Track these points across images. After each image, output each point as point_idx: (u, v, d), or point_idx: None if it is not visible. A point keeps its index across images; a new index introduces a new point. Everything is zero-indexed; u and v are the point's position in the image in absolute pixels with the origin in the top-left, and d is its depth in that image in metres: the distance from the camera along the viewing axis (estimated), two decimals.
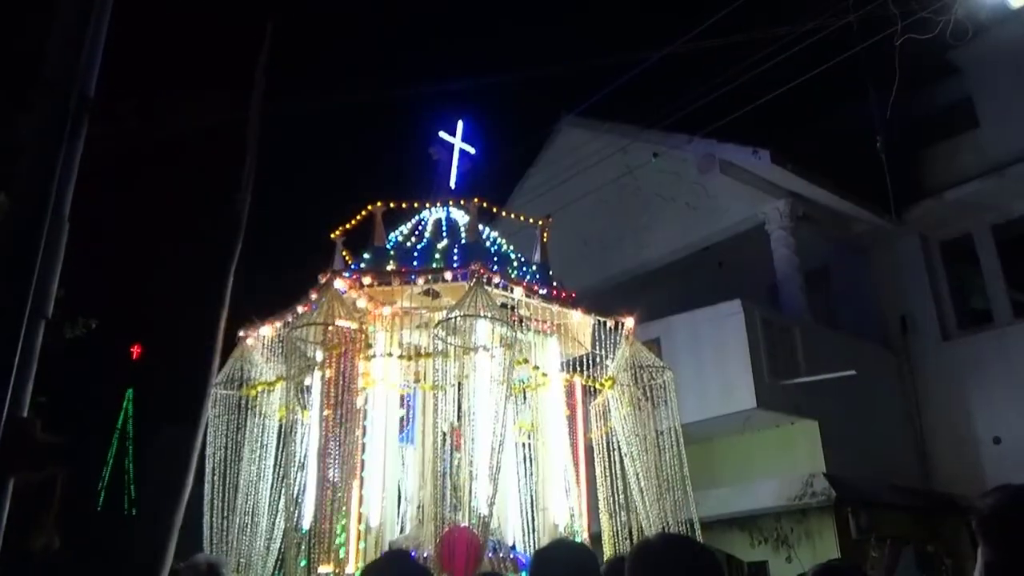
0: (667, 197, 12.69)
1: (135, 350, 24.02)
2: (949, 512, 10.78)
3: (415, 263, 6.90)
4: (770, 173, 11.03)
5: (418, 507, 6.91)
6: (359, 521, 6.20)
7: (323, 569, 5.65)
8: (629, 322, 7.29)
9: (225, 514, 6.69)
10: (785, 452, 10.24)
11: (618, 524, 6.93)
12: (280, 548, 6.38)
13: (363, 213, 7.47)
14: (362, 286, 6.52)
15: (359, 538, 6.16)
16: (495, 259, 6.99)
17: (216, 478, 6.76)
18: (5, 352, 1.97)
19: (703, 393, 9.77)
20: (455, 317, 5.97)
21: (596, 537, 7.04)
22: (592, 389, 7.46)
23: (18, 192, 2.14)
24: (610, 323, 7.18)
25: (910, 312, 12.06)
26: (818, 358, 10.22)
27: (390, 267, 6.92)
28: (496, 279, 6.42)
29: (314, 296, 6.50)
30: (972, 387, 11.34)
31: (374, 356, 6.50)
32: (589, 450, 7.45)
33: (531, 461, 7.19)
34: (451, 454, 6.92)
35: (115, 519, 21.62)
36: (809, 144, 11.97)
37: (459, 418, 6.82)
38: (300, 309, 6.64)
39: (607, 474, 7.11)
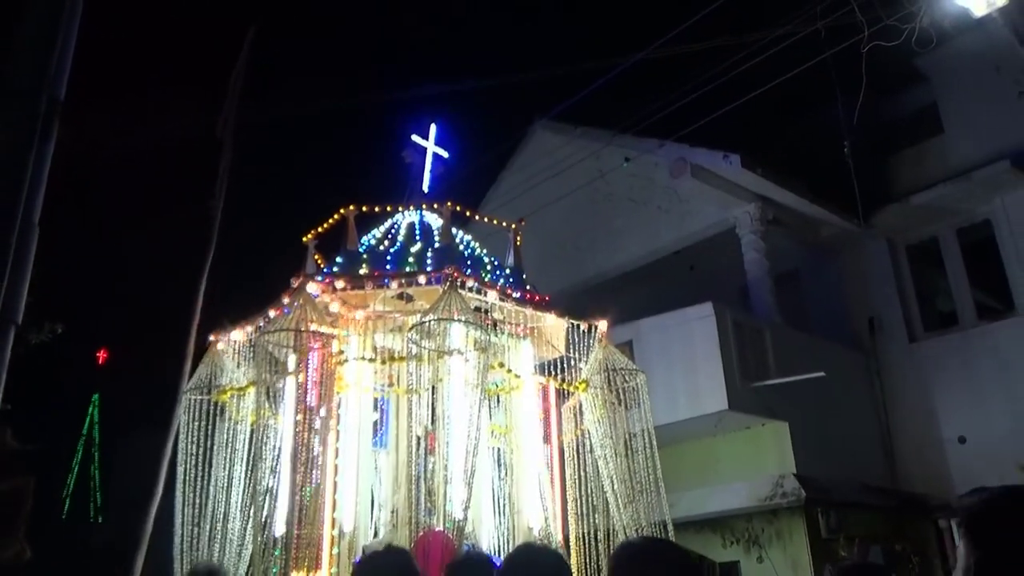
0: (639, 201, 12.78)
1: (101, 355, 23.67)
2: (916, 511, 10.96)
3: (388, 267, 6.88)
4: (740, 178, 11.15)
5: (392, 512, 6.90)
6: (332, 526, 6.18)
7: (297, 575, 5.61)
8: (602, 325, 7.33)
9: (196, 521, 6.62)
10: (755, 453, 10.35)
11: (589, 527, 6.97)
12: (257, 552, 6.30)
13: (335, 217, 7.44)
14: (335, 290, 6.49)
15: (332, 543, 6.13)
16: (469, 263, 6.99)
17: (187, 485, 6.68)
18: None
19: (674, 395, 9.84)
20: (429, 321, 5.96)
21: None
22: (565, 392, 7.50)
23: None
24: (583, 326, 7.22)
25: (878, 314, 12.25)
26: (788, 360, 10.34)
27: (363, 271, 6.90)
28: (470, 283, 6.43)
29: (286, 300, 6.45)
30: (938, 388, 11.53)
31: (346, 361, 6.47)
32: (561, 453, 7.48)
33: (505, 464, 7.21)
34: (425, 458, 6.93)
35: (81, 527, 21.27)
36: (778, 149, 12.14)
37: (433, 422, 6.82)
38: (272, 313, 6.60)
39: (577, 477, 7.15)
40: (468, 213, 7.70)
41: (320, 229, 7.51)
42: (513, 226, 7.81)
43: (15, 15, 2.34)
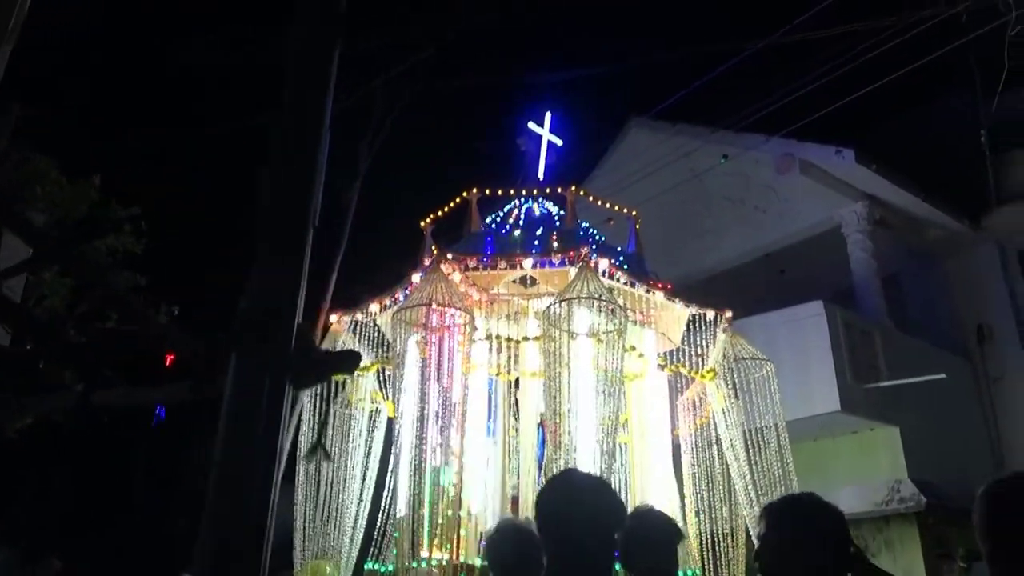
0: (735, 200, 12.49)
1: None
2: None
3: (514, 250, 6.78)
4: (850, 174, 10.79)
5: (512, 497, 6.78)
6: (459, 507, 6.07)
7: (436, 554, 5.52)
8: (728, 314, 7.15)
9: (313, 505, 6.61)
10: (863, 458, 9.96)
11: (708, 524, 6.77)
12: (378, 533, 6.24)
13: (456, 200, 7.39)
14: (466, 269, 6.41)
15: (460, 525, 6.03)
16: (595, 247, 6.86)
17: (308, 467, 6.67)
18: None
19: (781, 395, 9.52)
20: (567, 300, 5.82)
21: None
22: (680, 383, 7.32)
23: None
24: (709, 315, 7.05)
25: (987, 321, 11.74)
26: (898, 364, 9.97)
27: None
28: (603, 264, 6.30)
29: (416, 279, 6.39)
30: None
31: (476, 341, 6.38)
32: (675, 446, 7.28)
33: (623, 455, 7.04)
34: (544, 445, 6.81)
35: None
36: (883, 146, 11.72)
37: (550, 408, 6.69)
38: (399, 295, 6.55)
39: (696, 471, 6.96)
40: (591, 198, 7.58)
41: (439, 213, 7.47)
42: (634, 212, 7.67)
43: None
